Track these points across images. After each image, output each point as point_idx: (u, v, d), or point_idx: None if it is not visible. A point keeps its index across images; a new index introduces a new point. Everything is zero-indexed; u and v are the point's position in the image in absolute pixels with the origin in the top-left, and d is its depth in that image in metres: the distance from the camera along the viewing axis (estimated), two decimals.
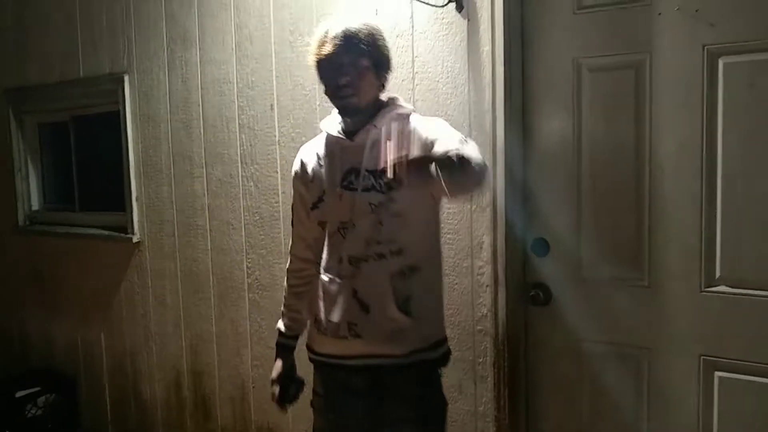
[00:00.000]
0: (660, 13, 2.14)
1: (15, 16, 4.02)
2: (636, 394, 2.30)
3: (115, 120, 3.52)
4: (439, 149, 1.72)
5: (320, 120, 2.17)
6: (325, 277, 2.01)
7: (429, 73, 2.46)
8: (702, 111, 2.10)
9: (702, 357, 2.18)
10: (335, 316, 1.97)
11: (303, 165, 2.10)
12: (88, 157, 3.94)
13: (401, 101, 2.04)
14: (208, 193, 3.22)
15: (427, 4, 2.40)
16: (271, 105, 2.93)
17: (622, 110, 2.23)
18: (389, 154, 1.59)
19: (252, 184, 3.04)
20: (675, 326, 2.21)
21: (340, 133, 1.99)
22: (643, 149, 2.20)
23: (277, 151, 2.93)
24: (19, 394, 3.79)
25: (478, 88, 2.36)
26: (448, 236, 2.45)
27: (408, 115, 1.99)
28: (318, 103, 2.74)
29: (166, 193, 3.38)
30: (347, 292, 1.96)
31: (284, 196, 2.88)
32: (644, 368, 2.27)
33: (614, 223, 2.28)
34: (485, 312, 2.43)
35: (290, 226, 2.22)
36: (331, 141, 2.03)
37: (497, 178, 2.34)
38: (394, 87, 2.51)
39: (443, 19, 2.41)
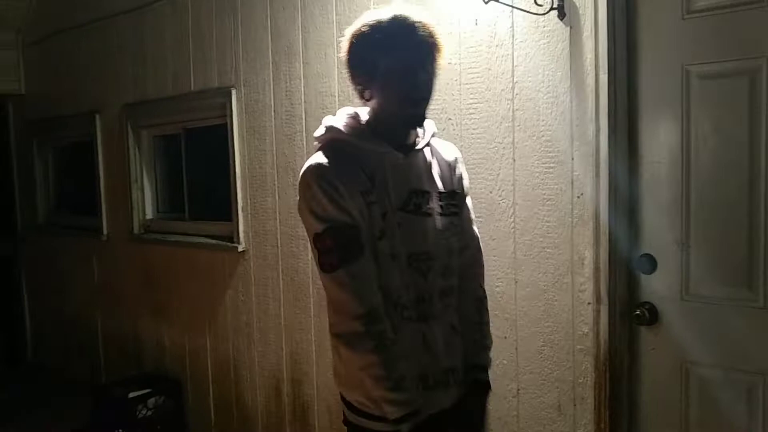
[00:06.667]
0: None
1: (133, 36, 4.25)
2: (750, 422, 2.15)
3: (224, 132, 3.64)
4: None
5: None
6: (413, 324, 1.67)
7: (529, 82, 2.39)
8: None
9: None
10: (444, 362, 1.71)
11: (352, 182, 1.64)
12: (198, 167, 4.10)
13: None
14: None
15: (529, 12, 2.35)
16: None
17: (735, 119, 2.10)
18: None
19: None
20: None
21: (388, 148, 1.68)
22: (758, 161, 2.06)
23: None
24: (132, 395, 3.96)
25: (580, 98, 2.28)
26: (548, 250, 2.38)
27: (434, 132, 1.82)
28: None
29: (270, 204, 3.45)
30: (446, 331, 1.73)
31: None
32: (758, 395, 2.12)
33: (726, 240, 2.15)
34: (586, 331, 2.33)
35: None
36: (372, 156, 1.67)
37: (600, 191, 2.26)
38: (493, 97, 2.47)
39: (544, 27, 2.35)
